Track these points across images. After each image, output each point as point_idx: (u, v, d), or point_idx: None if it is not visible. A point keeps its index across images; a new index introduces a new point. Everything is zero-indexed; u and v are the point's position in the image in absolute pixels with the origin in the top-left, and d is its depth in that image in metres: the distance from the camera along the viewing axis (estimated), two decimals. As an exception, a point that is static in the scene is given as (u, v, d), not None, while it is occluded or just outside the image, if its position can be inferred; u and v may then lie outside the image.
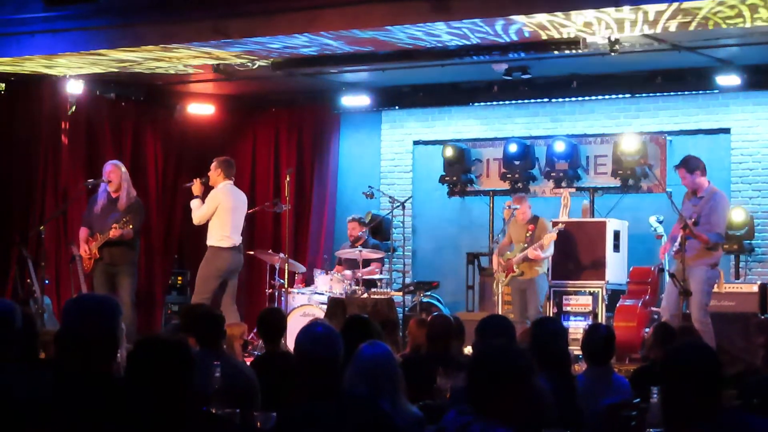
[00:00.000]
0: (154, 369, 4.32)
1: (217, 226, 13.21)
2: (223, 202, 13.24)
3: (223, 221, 13.18)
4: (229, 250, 13.19)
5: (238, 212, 13.41)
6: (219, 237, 13.18)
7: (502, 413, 4.29)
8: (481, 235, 16.52)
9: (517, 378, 4.35)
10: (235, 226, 13.28)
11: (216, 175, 13.34)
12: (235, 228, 13.29)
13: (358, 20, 11.62)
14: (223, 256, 13.18)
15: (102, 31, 12.75)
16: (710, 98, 15.26)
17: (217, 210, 13.18)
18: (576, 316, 14.32)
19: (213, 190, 13.36)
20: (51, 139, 15.37)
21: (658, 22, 11.02)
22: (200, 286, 13.20)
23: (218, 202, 13.21)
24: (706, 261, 12.16)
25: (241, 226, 13.44)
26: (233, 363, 7.29)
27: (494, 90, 16.04)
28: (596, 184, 15.87)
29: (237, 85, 16.16)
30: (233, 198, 13.41)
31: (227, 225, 13.18)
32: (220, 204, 13.19)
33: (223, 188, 13.34)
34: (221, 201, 13.23)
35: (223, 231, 13.17)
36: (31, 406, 4.65)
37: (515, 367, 4.37)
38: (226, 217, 13.19)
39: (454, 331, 8.31)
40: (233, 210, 13.31)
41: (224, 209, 13.21)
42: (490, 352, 4.51)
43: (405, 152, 17.33)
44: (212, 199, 13.26)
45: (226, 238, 13.18)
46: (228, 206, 13.25)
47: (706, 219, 12.18)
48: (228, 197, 13.32)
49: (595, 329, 7.86)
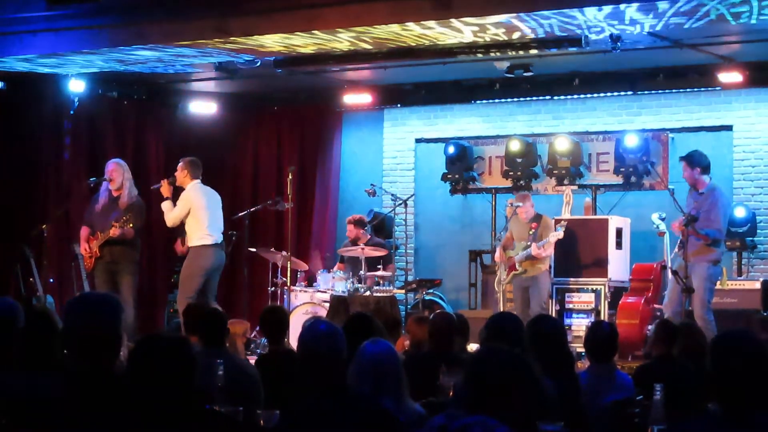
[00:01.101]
0: (155, 367, 4.33)
1: (194, 226, 13.11)
2: (195, 201, 13.12)
3: (200, 220, 13.08)
4: (211, 248, 13.08)
5: (213, 209, 13.27)
6: (199, 236, 13.08)
7: (505, 416, 4.27)
8: (484, 232, 16.52)
9: (521, 382, 4.33)
10: (212, 223, 13.15)
11: (183, 176, 13.25)
12: (213, 225, 13.17)
13: (359, 19, 11.61)
14: (206, 254, 13.07)
15: (104, 29, 12.75)
16: (712, 95, 15.25)
17: (191, 210, 13.08)
18: (578, 313, 14.32)
19: (183, 192, 13.26)
20: (54, 138, 15.39)
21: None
22: (184, 286, 13.08)
23: (190, 203, 13.10)
24: (707, 258, 12.17)
25: (220, 223, 13.32)
26: (236, 361, 7.29)
27: (496, 87, 16.04)
28: (598, 181, 15.87)
29: (239, 84, 16.15)
30: (205, 196, 13.27)
31: (204, 223, 13.07)
32: (192, 204, 13.09)
33: (193, 188, 13.22)
34: (193, 201, 13.12)
35: (202, 230, 13.06)
36: (34, 405, 4.65)
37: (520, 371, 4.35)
38: (201, 215, 13.08)
39: (456, 328, 8.31)
40: (207, 208, 13.17)
41: (198, 208, 13.09)
42: (494, 355, 4.47)
43: (407, 150, 17.33)
44: (184, 200, 13.15)
45: (207, 236, 13.07)
46: (201, 204, 13.13)
47: (705, 215, 12.19)
48: (199, 196, 13.19)
49: (597, 327, 7.87)
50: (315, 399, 5.03)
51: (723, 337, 4.52)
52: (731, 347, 4.39)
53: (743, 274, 14.64)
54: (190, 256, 13.15)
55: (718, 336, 4.57)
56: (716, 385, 4.32)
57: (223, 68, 14.43)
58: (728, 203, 12.65)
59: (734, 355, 4.34)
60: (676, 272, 11.95)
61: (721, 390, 4.31)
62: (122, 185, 13.23)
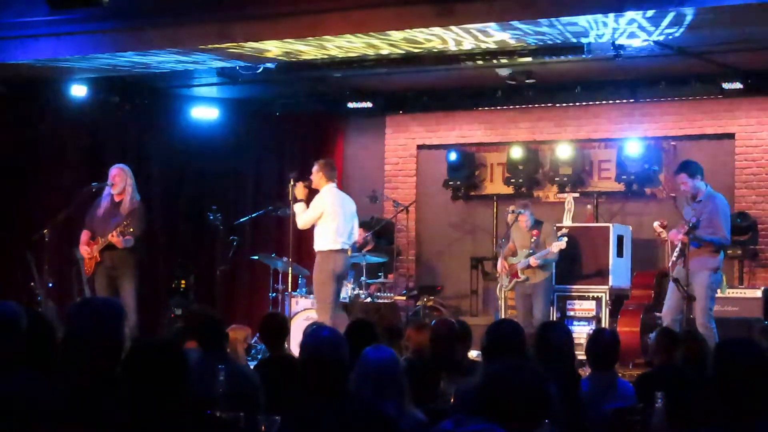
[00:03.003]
0: (147, 372, 4.34)
1: (324, 229, 12.88)
2: (328, 205, 12.88)
3: (329, 225, 12.82)
4: (338, 253, 12.83)
5: (345, 214, 13.00)
6: (328, 241, 12.83)
7: (511, 427, 4.27)
8: (485, 239, 16.54)
9: (537, 404, 4.32)
10: (342, 228, 12.90)
11: (318, 178, 13.01)
12: (343, 230, 12.91)
13: (363, 25, 11.62)
14: (334, 259, 12.82)
15: (107, 34, 12.75)
16: (714, 103, 15.26)
17: (323, 213, 12.86)
18: (579, 320, 14.32)
19: (318, 194, 13.02)
20: (55, 142, 15.38)
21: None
22: (320, 294, 12.91)
23: (323, 207, 12.88)
24: (708, 265, 12.16)
25: (348, 229, 13.04)
26: (237, 366, 7.28)
27: (498, 95, 16.03)
28: (600, 189, 15.87)
29: (241, 89, 16.16)
30: (339, 200, 13.04)
31: (334, 228, 12.82)
32: (325, 208, 12.87)
33: (329, 191, 12.97)
34: (327, 204, 12.89)
35: (332, 234, 12.80)
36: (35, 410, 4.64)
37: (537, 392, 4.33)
38: (333, 219, 12.83)
39: (457, 335, 8.30)
40: (338, 213, 12.90)
41: (329, 213, 12.84)
42: (514, 374, 4.43)
43: (409, 156, 17.33)
44: (317, 203, 12.92)
45: (334, 241, 12.82)
46: (333, 210, 12.88)
47: (707, 222, 12.17)
48: (333, 200, 12.95)
49: (599, 334, 7.86)
50: (317, 405, 5.03)
51: (725, 346, 4.52)
52: (733, 356, 4.38)
53: (745, 282, 14.63)
54: (319, 262, 12.93)
55: (719, 344, 4.57)
56: (717, 393, 4.31)
57: (225, 74, 14.43)
58: (728, 208, 12.63)
59: (736, 364, 4.33)
60: (677, 280, 11.94)
61: (723, 398, 4.30)
62: (124, 190, 13.20)
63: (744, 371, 4.30)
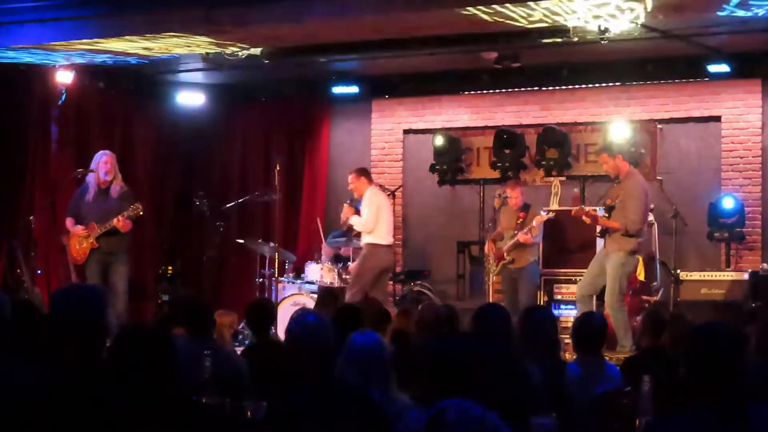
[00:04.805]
0: (133, 358, 4.33)
1: (376, 225, 13.74)
2: (380, 202, 13.85)
3: (380, 220, 13.68)
4: (385, 248, 13.75)
5: (389, 212, 14.07)
6: (377, 235, 13.69)
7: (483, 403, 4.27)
8: (472, 224, 16.52)
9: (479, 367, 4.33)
10: (388, 225, 13.81)
11: (361, 185, 13.88)
12: (389, 227, 13.85)
13: (347, 9, 11.60)
14: (380, 253, 13.68)
15: (92, 20, 12.71)
16: (700, 86, 15.26)
17: (379, 209, 13.74)
18: (567, 304, 14.30)
19: (367, 196, 13.79)
20: (40, 129, 15.33)
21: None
22: (357, 280, 13.66)
23: (378, 203, 13.80)
24: (623, 247, 12.25)
25: (392, 226, 14.01)
26: (223, 352, 7.27)
27: (484, 79, 16.02)
28: (586, 172, 15.86)
29: (227, 75, 16.11)
30: (385, 199, 14.19)
31: (384, 224, 13.72)
32: (378, 205, 13.74)
33: (375, 191, 13.97)
34: (380, 202, 13.83)
35: (381, 229, 13.71)
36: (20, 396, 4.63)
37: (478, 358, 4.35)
38: (382, 216, 13.73)
39: (443, 319, 8.29)
40: (389, 211, 14.03)
41: (381, 209, 13.76)
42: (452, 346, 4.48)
43: (395, 141, 17.30)
44: (372, 202, 13.76)
45: (384, 236, 13.72)
46: (385, 206, 13.90)
47: (621, 204, 12.25)
48: (382, 198, 14.05)
49: (587, 318, 7.86)
50: (303, 390, 5.01)
51: (701, 330, 4.51)
52: (708, 340, 4.39)
53: (731, 265, 14.64)
54: (364, 254, 13.79)
55: (696, 329, 4.57)
56: (694, 377, 4.32)
57: (211, 59, 14.39)
58: (644, 192, 12.62)
59: (710, 348, 4.34)
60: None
61: (699, 382, 4.31)
62: (116, 176, 13.24)
63: (720, 353, 4.31)
